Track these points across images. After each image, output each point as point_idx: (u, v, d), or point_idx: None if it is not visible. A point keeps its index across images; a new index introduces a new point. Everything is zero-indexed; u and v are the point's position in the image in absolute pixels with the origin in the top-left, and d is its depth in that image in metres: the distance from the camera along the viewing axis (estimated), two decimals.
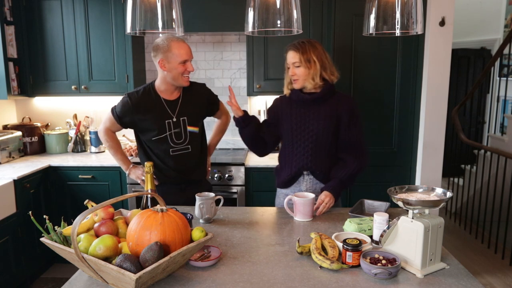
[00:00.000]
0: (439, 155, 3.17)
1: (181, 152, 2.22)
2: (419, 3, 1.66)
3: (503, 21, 5.47)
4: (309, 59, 1.98)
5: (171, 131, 2.18)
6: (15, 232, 2.79)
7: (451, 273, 1.40)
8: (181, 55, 2.06)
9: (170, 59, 2.06)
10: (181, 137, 2.20)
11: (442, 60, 3.05)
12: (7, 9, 3.20)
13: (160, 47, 2.07)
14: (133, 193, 1.82)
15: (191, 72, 2.14)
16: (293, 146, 2.10)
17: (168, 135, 2.18)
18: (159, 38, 2.12)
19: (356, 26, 3.02)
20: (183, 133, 2.20)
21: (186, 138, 2.21)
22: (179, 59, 2.06)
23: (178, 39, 2.09)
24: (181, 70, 2.08)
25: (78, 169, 3.17)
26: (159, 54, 2.08)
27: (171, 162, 2.21)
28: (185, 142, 2.22)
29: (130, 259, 1.20)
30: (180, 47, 2.06)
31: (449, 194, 1.43)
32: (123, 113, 2.19)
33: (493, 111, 5.07)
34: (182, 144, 2.21)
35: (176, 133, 2.19)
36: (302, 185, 2.14)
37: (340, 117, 2.04)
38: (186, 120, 2.20)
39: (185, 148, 2.22)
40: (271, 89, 3.30)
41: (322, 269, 1.41)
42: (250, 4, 1.58)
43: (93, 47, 3.32)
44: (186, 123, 2.21)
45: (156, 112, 2.15)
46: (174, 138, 2.19)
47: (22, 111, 3.78)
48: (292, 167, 2.11)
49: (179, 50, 2.06)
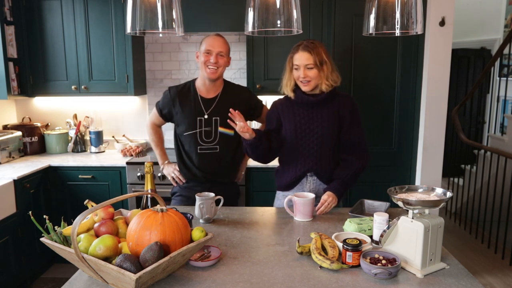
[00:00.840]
0: (439, 155, 3.17)
1: (208, 151, 2.22)
2: (419, 3, 1.66)
3: (503, 21, 5.47)
4: (322, 60, 1.97)
5: (202, 128, 2.20)
6: (15, 232, 2.79)
7: (451, 273, 1.40)
8: (206, 45, 2.15)
9: (200, 49, 2.18)
10: (211, 136, 2.21)
11: (442, 60, 3.05)
12: (7, 9, 3.20)
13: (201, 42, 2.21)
14: (133, 193, 1.82)
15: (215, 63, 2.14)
16: (298, 148, 2.07)
17: (198, 132, 2.20)
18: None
19: (356, 26, 3.02)
20: (213, 132, 2.21)
21: (215, 138, 2.21)
22: (203, 48, 2.15)
23: (216, 35, 2.22)
24: (204, 59, 2.15)
25: (78, 169, 3.17)
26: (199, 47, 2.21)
27: (197, 159, 2.22)
28: (214, 141, 2.22)
29: (130, 259, 1.20)
30: (209, 39, 2.18)
31: (449, 194, 1.43)
32: (163, 105, 2.29)
33: (493, 111, 5.07)
34: (211, 144, 2.22)
35: (206, 132, 2.21)
36: (306, 186, 2.12)
37: (343, 117, 2.05)
38: (219, 120, 2.20)
39: (213, 147, 2.21)
40: (271, 89, 3.30)
41: (322, 269, 1.41)
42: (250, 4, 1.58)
43: (93, 47, 3.32)
44: (218, 123, 2.21)
45: (191, 107, 2.20)
46: (204, 136, 2.21)
47: (22, 111, 3.77)
48: (297, 169, 2.08)
49: (207, 41, 2.17)
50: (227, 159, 2.27)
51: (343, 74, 3.05)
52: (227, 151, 2.25)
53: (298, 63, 1.99)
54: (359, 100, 3.11)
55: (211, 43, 2.15)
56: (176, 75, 3.68)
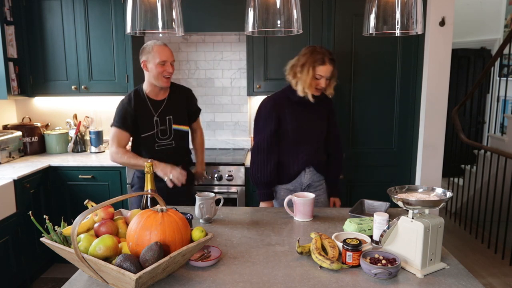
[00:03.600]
0: (439, 155, 3.17)
1: (165, 147, 2.38)
2: (419, 3, 1.66)
3: (503, 21, 5.47)
4: (336, 73, 2.21)
5: (158, 128, 2.34)
6: (15, 232, 2.79)
7: (451, 273, 1.40)
8: (160, 56, 2.21)
9: (150, 59, 2.23)
10: (166, 133, 2.37)
11: (442, 60, 3.05)
12: (7, 9, 3.20)
13: (144, 49, 2.26)
14: (133, 193, 1.82)
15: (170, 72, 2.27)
16: (299, 144, 2.25)
17: (155, 132, 2.34)
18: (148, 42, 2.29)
19: (356, 26, 3.02)
20: (168, 130, 2.37)
21: (171, 134, 2.38)
22: (158, 60, 2.21)
23: (162, 43, 2.26)
24: (160, 70, 2.23)
25: (78, 169, 3.17)
26: (143, 56, 2.26)
27: (156, 156, 2.30)
28: (170, 138, 2.38)
29: (130, 259, 1.20)
30: (160, 49, 2.22)
31: (449, 194, 1.43)
32: (123, 117, 2.32)
33: (493, 111, 5.07)
34: (167, 140, 2.38)
35: (162, 130, 2.36)
36: (304, 178, 2.30)
37: (329, 114, 2.33)
38: (172, 119, 2.37)
39: (169, 143, 2.38)
40: (271, 89, 3.30)
41: (322, 269, 1.41)
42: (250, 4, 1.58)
43: (93, 47, 3.32)
44: (171, 122, 2.37)
45: (144, 111, 2.33)
46: (160, 134, 2.36)
47: (22, 111, 3.78)
48: (298, 164, 2.26)
49: (159, 52, 2.21)
50: (182, 150, 2.49)
51: (343, 74, 3.07)
52: (181, 144, 2.45)
53: (323, 74, 2.13)
54: (359, 100, 3.13)
55: (166, 54, 2.23)
56: (176, 75, 3.68)
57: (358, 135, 3.15)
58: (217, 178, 3.08)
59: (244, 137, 3.74)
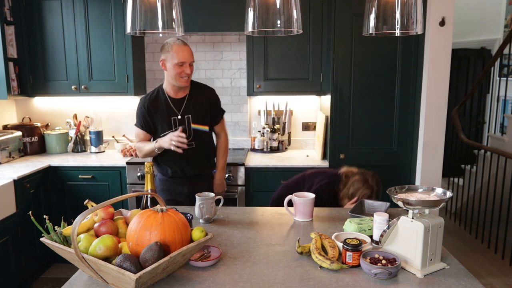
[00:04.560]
0: (439, 155, 3.16)
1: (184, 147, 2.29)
2: (419, 3, 1.65)
3: (503, 21, 5.47)
4: None
5: (177, 127, 2.30)
6: (15, 232, 2.79)
7: (451, 273, 1.40)
8: (179, 57, 2.18)
9: (169, 59, 2.20)
10: (185, 133, 2.28)
11: (442, 60, 3.04)
12: (7, 9, 3.20)
13: (164, 47, 2.22)
14: (133, 193, 1.82)
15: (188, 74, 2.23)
16: None
17: (174, 131, 2.28)
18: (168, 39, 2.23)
19: (356, 26, 3.02)
20: (187, 129, 2.32)
21: (190, 134, 2.33)
22: (176, 61, 2.18)
23: (181, 42, 2.20)
24: (178, 71, 2.21)
25: (78, 169, 3.17)
26: (162, 54, 2.24)
27: (175, 155, 2.27)
28: (189, 138, 2.31)
29: (130, 259, 1.20)
30: (180, 50, 2.18)
31: (449, 194, 1.43)
32: (140, 117, 2.36)
33: (493, 111, 5.07)
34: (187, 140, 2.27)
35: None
36: None
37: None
38: (191, 117, 2.33)
39: (189, 144, 2.28)
40: (271, 89, 3.31)
41: (322, 269, 1.41)
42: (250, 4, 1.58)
43: (93, 47, 3.32)
44: (190, 121, 2.33)
45: (164, 110, 2.31)
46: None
47: (22, 111, 3.78)
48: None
49: (177, 52, 2.18)
50: (204, 153, 2.42)
51: (343, 74, 3.07)
52: (203, 145, 2.40)
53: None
54: (359, 100, 3.13)
55: (185, 56, 2.19)
56: None
57: (358, 135, 3.15)
58: None
59: (244, 137, 3.74)
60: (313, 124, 3.73)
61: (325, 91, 3.27)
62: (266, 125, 3.59)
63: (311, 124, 3.73)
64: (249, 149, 3.66)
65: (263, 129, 3.58)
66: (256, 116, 3.73)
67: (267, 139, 3.55)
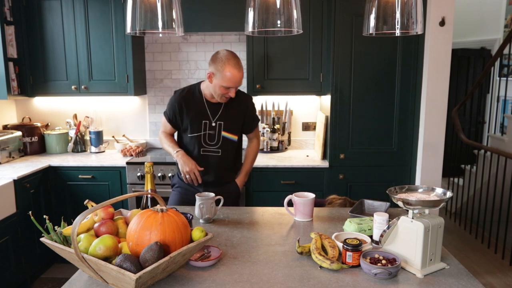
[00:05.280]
0: (439, 155, 3.16)
1: (210, 153, 2.27)
2: (419, 3, 1.65)
3: (503, 21, 5.47)
4: None
5: (206, 131, 2.25)
6: (15, 232, 2.79)
7: (451, 273, 1.40)
8: (228, 81, 2.08)
9: (218, 78, 2.10)
10: (214, 139, 2.26)
11: (442, 60, 3.04)
12: (7, 9, 3.20)
13: (218, 61, 2.10)
14: (133, 193, 1.82)
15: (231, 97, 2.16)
16: None
17: (203, 135, 2.25)
18: (224, 51, 2.12)
19: (356, 26, 3.02)
20: (216, 136, 2.26)
21: (218, 141, 2.27)
22: (224, 83, 2.09)
23: (236, 66, 2.09)
24: (222, 92, 2.13)
25: (78, 169, 3.17)
26: (212, 66, 2.12)
27: (199, 160, 2.24)
28: (217, 145, 2.27)
29: (130, 259, 1.20)
30: (233, 75, 2.08)
31: (449, 194, 1.43)
32: (169, 111, 2.28)
33: (493, 111, 5.07)
34: (214, 146, 2.27)
35: (210, 135, 2.26)
36: None
37: None
38: (223, 125, 2.26)
39: (215, 150, 2.27)
40: (271, 89, 3.30)
41: (322, 269, 1.41)
42: (250, 4, 1.58)
43: (93, 47, 3.32)
44: (221, 128, 2.26)
45: (197, 111, 2.24)
46: (207, 139, 2.26)
47: (22, 111, 3.78)
48: None
49: (230, 77, 2.08)
50: (228, 162, 2.34)
51: (343, 74, 3.07)
52: (228, 155, 2.32)
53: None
54: (359, 100, 3.13)
55: (235, 81, 2.10)
56: (176, 75, 3.69)
57: (358, 135, 3.15)
58: None
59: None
60: (313, 124, 3.73)
61: (325, 91, 3.27)
62: (266, 125, 3.59)
63: (311, 124, 3.73)
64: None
65: (263, 129, 3.58)
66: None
67: (267, 139, 3.55)
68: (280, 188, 3.13)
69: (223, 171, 2.34)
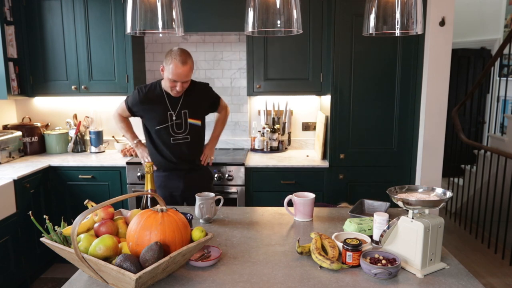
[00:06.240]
0: (439, 155, 3.16)
1: (180, 141, 2.43)
2: (419, 3, 1.65)
3: (503, 21, 5.47)
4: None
5: (173, 121, 2.40)
6: (15, 232, 2.79)
7: (451, 273, 1.40)
8: (172, 74, 2.23)
9: (166, 71, 2.27)
10: (181, 127, 2.42)
11: (442, 60, 3.04)
12: (7, 9, 3.20)
13: (168, 56, 2.25)
14: (133, 193, 1.82)
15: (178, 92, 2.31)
16: None
17: (170, 125, 2.40)
18: (176, 48, 2.28)
19: (356, 26, 3.02)
20: (183, 124, 2.42)
21: (186, 128, 2.43)
22: (169, 76, 2.25)
23: (181, 61, 2.21)
24: (170, 85, 2.29)
25: (78, 169, 3.17)
26: (164, 61, 2.28)
27: (172, 149, 2.42)
28: (185, 132, 2.43)
29: (130, 259, 1.20)
30: (176, 68, 2.21)
31: (449, 194, 1.43)
32: (132, 103, 2.45)
33: (493, 111, 5.07)
34: (182, 134, 2.43)
35: (177, 124, 2.41)
36: None
37: None
38: (187, 113, 2.42)
39: (184, 137, 2.43)
40: (271, 89, 3.30)
41: (322, 269, 1.41)
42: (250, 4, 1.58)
43: (93, 47, 3.32)
44: (187, 116, 2.42)
45: (161, 105, 2.38)
46: (175, 128, 2.41)
47: (22, 111, 3.78)
48: None
49: (173, 70, 2.22)
50: (198, 146, 2.54)
51: (343, 74, 3.07)
52: (196, 139, 2.50)
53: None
54: (359, 100, 3.13)
55: (179, 76, 2.23)
56: None
57: (358, 135, 3.15)
58: (217, 178, 3.08)
59: (244, 137, 3.74)
60: (313, 124, 3.73)
61: (325, 91, 3.27)
62: (266, 125, 3.59)
63: (311, 124, 3.73)
64: (249, 149, 3.66)
65: (263, 129, 3.58)
66: (256, 116, 3.73)
67: (267, 139, 3.55)
68: (280, 188, 3.13)
69: (195, 156, 2.52)
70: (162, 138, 2.41)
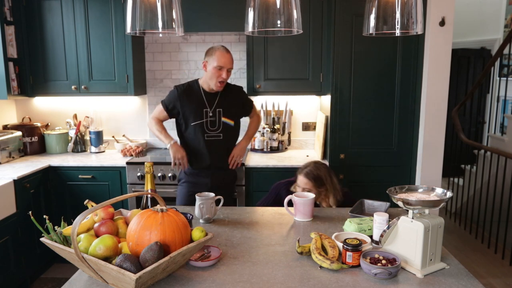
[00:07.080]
0: (439, 155, 3.16)
1: (213, 138, 2.53)
2: (419, 3, 1.65)
3: (503, 21, 5.47)
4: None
5: (208, 118, 2.51)
6: (15, 232, 2.79)
7: (451, 273, 1.40)
8: (218, 61, 2.37)
9: (210, 62, 2.40)
10: (215, 125, 2.53)
11: (442, 60, 3.04)
12: (7, 9, 3.20)
13: (208, 51, 2.43)
14: (133, 193, 1.82)
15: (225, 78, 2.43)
16: None
17: (205, 122, 2.51)
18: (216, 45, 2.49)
19: (356, 26, 3.02)
20: (217, 121, 2.54)
21: (219, 126, 2.54)
22: (215, 64, 2.37)
23: (225, 50, 2.41)
24: (217, 74, 2.40)
25: (78, 169, 3.17)
26: (206, 56, 2.45)
27: (204, 146, 2.52)
28: (218, 130, 2.54)
29: (130, 259, 1.20)
30: (221, 55, 2.38)
31: (449, 194, 1.43)
32: (169, 101, 2.55)
33: (493, 111, 5.07)
34: (215, 131, 2.53)
35: (211, 121, 2.52)
36: None
37: None
38: (222, 111, 2.53)
39: (217, 135, 2.54)
40: (271, 89, 3.30)
41: (322, 269, 1.41)
42: (250, 4, 1.58)
43: (93, 47, 3.32)
44: (221, 114, 2.53)
45: (197, 101, 2.51)
46: (209, 125, 2.52)
47: (22, 111, 3.78)
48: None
49: (218, 57, 2.37)
50: (230, 145, 2.63)
51: (343, 74, 3.07)
52: (229, 138, 2.61)
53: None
54: (359, 100, 3.13)
55: (224, 61, 2.39)
56: (176, 75, 3.69)
57: (358, 135, 3.15)
58: None
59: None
60: (313, 124, 3.73)
61: (325, 91, 3.27)
62: (266, 125, 3.59)
63: (311, 124, 3.73)
64: (249, 149, 3.66)
65: (263, 129, 3.58)
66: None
67: (267, 139, 3.55)
68: None
69: (226, 155, 2.60)
70: (196, 134, 2.51)
